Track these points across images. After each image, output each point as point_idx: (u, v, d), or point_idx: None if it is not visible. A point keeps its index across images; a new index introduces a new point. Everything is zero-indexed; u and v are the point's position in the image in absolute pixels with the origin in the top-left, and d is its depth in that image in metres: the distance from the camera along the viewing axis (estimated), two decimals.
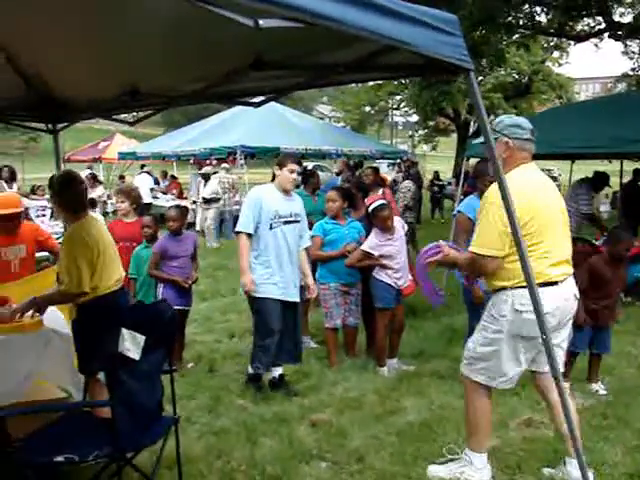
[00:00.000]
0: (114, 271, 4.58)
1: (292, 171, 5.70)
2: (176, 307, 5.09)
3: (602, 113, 9.07)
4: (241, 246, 5.61)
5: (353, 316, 6.57)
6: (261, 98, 5.03)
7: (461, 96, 29.52)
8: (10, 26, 3.48)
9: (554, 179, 31.98)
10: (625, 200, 12.91)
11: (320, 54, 3.56)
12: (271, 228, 5.61)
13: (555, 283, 3.86)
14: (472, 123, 33.80)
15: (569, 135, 8.65)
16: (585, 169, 12.77)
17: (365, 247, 6.17)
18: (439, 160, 43.45)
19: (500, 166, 3.95)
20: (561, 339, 4.03)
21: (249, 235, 5.60)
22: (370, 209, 6.27)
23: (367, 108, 41.84)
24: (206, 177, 16.93)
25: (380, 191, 8.88)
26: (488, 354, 4.00)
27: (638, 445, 4.60)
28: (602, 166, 13.49)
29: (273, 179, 5.87)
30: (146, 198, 17.39)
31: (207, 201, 16.15)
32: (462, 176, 11.43)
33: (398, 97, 40.51)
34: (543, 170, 4.13)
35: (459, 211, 5.99)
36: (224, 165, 17.31)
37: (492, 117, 32.63)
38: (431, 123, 39.18)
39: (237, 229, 5.70)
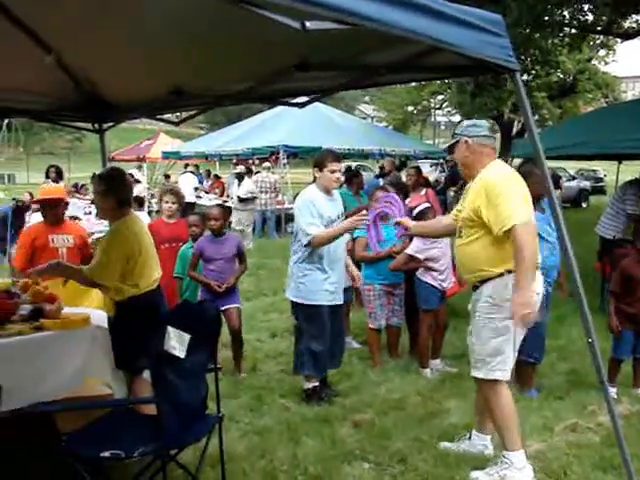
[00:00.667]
0: (153, 270, 4.60)
1: (333, 171, 5.40)
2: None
3: None
4: (322, 236, 5.29)
5: (397, 316, 6.54)
6: (305, 98, 5.05)
7: (507, 95, 29.11)
8: (60, 28, 3.55)
9: (600, 180, 31.65)
10: None
11: (366, 55, 3.57)
12: None
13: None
14: (516, 122, 33.35)
15: (616, 135, 8.50)
16: (632, 170, 12.52)
17: (410, 251, 6.13)
18: None
19: (467, 167, 4.20)
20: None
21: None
22: (414, 213, 6.21)
23: (410, 108, 41.60)
24: (240, 177, 16.56)
25: (423, 191, 8.85)
26: (501, 345, 4.02)
27: None
28: None
29: (315, 179, 5.70)
30: (190, 197, 17.52)
31: (242, 200, 15.84)
32: None
33: (440, 97, 40.23)
34: (588, 171, 4.15)
35: None
36: (266, 164, 17.31)
37: (537, 116, 32.26)
38: None
39: (310, 238, 5.27)
